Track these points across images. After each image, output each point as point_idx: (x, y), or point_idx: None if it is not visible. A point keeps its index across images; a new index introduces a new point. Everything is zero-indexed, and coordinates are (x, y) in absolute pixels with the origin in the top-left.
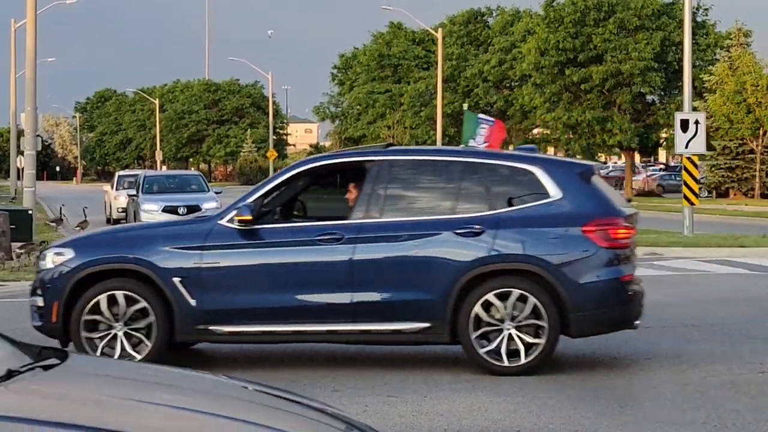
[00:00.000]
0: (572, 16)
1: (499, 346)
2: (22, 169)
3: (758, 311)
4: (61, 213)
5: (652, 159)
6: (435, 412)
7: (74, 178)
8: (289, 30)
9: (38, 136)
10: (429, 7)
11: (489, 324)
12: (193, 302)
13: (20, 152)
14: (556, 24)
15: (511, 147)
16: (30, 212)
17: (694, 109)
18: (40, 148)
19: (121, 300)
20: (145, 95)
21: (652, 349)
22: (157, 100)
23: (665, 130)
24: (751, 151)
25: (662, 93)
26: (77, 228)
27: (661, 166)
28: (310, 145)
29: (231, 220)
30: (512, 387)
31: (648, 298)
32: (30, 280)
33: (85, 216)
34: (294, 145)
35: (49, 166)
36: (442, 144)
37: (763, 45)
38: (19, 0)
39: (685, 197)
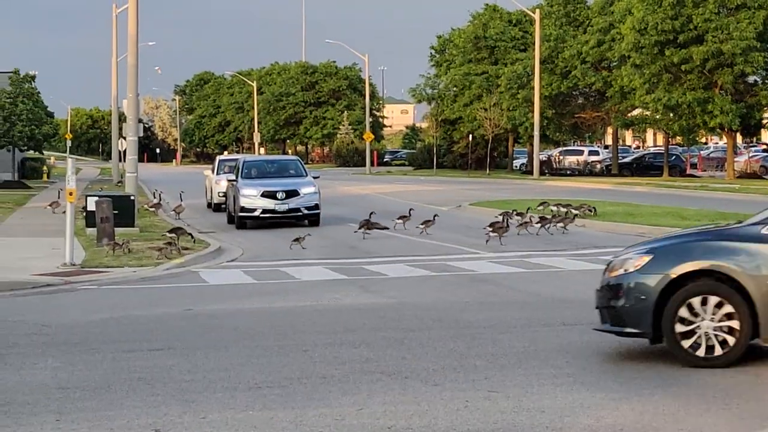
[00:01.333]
0: None
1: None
2: (124, 151)
3: None
4: (160, 198)
5: (754, 140)
6: (536, 409)
7: (174, 160)
8: (387, 11)
9: (140, 121)
10: None
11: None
12: None
13: (122, 136)
14: (655, 5)
15: (610, 128)
16: (132, 198)
17: None
18: (141, 134)
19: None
20: (243, 78)
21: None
22: (255, 82)
23: None
24: None
25: (765, 73)
26: (173, 212)
27: (764, 147)
28: (406, 127)
29: None
30: (614, 383)
31: None
32: (134, 267)
33: (181, 200)
34: (390, 126)
35: (149, 148)
36: (540, 125)
37: None
38: None
39: None
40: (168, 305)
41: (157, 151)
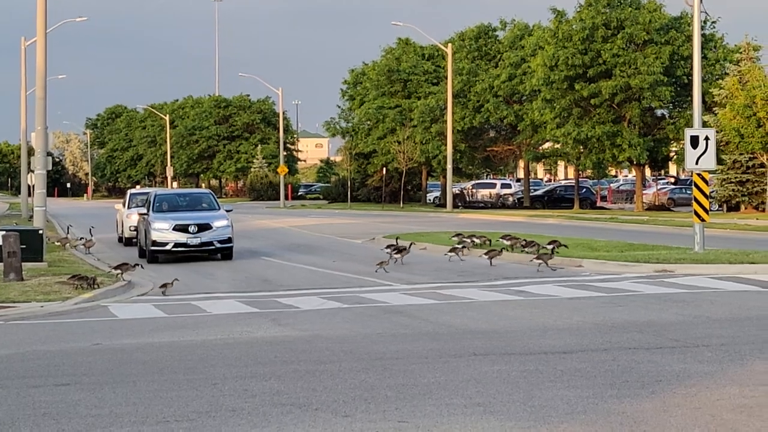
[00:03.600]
0: (580, 33)
1: None
2: (33, 186)
3: None
4: (68, 232)
5: (662, 173)
6: None
7: (85, 195)
8: (300, 45)
9: (49, 154)
10: (438, 22)
11: None
12: None
13: (31, 170)
14: (564, 40)
15: (521, 162)
16: (40, 232)
17: (704, 123)
18: (50, 168)
19: None
20: (155, 111)
21: (662, 371)
22: (168, 116)
23: (675, 144)
24: (762, 165)
25: (672, 107)
26: (83, 246)
27: (671, 180)
28: (321, 161)
29: None
30: (524, 412)
31: (659, 317)
32: (42, 301)
33: (92, 234)
34: (305, 161)
35: (59, 182)
36: (453, 158)
37: None
38: (29, 18)
39: (696, 213)
40: (76, 340)
41: (68, 185)
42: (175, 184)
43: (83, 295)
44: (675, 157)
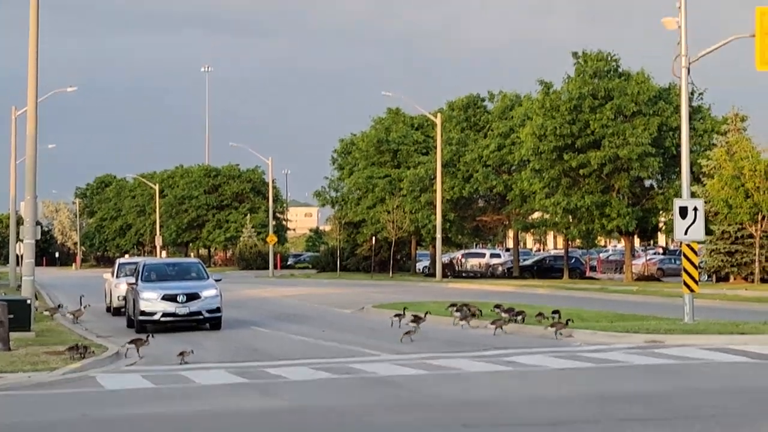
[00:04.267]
0: (568, 104)
1: None
2: (22, 255)
3: (760, 401)
4: (58, 306)
5: (651, 243)
6: None
7: (73, 264)
8: (291, 114)
9: (38, 223)
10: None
11: None
12: None
13: (19, 239)
14: (552, 111)
15: (511, 231)
16: (28, 302)
17: (693, 194)
18: (39, 237)
19: None
20: (145, 181)
21: None
22: (157, 185)
23: (664, 214)
24: (750, 236)
25: (660, 177)
26: (71, 315)
27: (661, 250)
28: (310, 230)
29: None
30: None
31: (649, 388)
32: (29, 372)
33: (81, 304)
34: (294, 230)
35: (48, 252)
36: (443, 228)
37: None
38: (20, 87)
39: (685, 284)
40: (63, 411)
41: (57, 255)
42: (164, 253)
43: (71, 365)
44: (664, 227)
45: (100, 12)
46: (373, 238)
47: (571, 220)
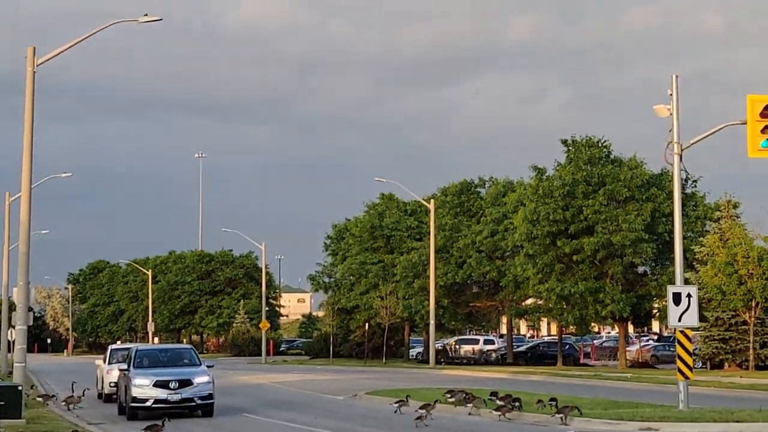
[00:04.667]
0: (561, 189)
1: None
2: (13, 341)
3: None
4: (50, 395)
5: (645, 329)
6: None
7: (65, 350)
8: (283, 200)
9: (30, 309)
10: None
11: None
12: None
13: (11, 325)
14: (545, 197)
15: (504, 317)
16: (20, 388)
17: (686, 281)
18: (31, 323)
19: None
20: (138, 266)
21: None
22: (150, 271)
23: (657, 300)
24: (744, 323)
25: (654, 264)
26: (63, 403)
27: (654, 337)
28: (303, 315)
29: None
30: None
31: None
32: None
33: (73, 390)
34: (287, 315)
35: (40, 337)
36: (436, 314)
37: (751, 215)
38: (13, 171)
39: (680, 371)
40: None
41: (48, 341)
42: (156, 339)
43: None
44: (658, 313)
45: (94, 98)
46: (366, 324)
47: (564, 306)
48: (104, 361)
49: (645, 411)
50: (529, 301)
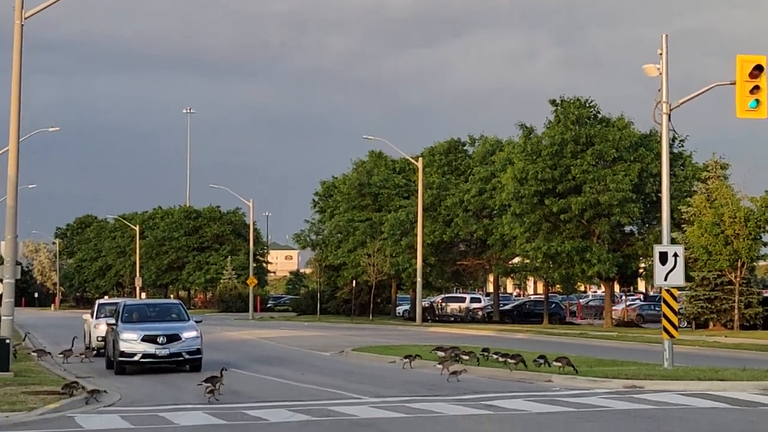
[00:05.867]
0: (549, 149)
1: None
2: (1, 295)
3: None
4: (45, 351)
5: (631, 288)
6: None
7: (52, 305)
8: (272, 157)
9: (18, 263)
10: (409, 137)
11: None
12: None
13: None
14: (534, 156)
15: (491, 276)
16: (7, 341)
17: (673, 240)
18: (18, 277)
19: None
20: (125, 222)
21: None
22: (138, 226)
23: (644, 260)
24: (730, 283)
25: (640, 223)
26: (60, 355)
27: (640, 296)
28: (290, 272)
29: None
30: None
31: None
32: (6, 411)
33: (73, 345)
34: (274, 272)
35: (27, 292)
36: (423, 272)
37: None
38: (1, 127)
39: (665, 330)
40: None
41: (36, 295)
42: (143, 294)
43: (49, 405)
44: (644, 273)
45: (82, 53)
46: (354, 281)
47: (551, 265)
48: (92, 316)
49: (630, 369)
50: (516, 260)
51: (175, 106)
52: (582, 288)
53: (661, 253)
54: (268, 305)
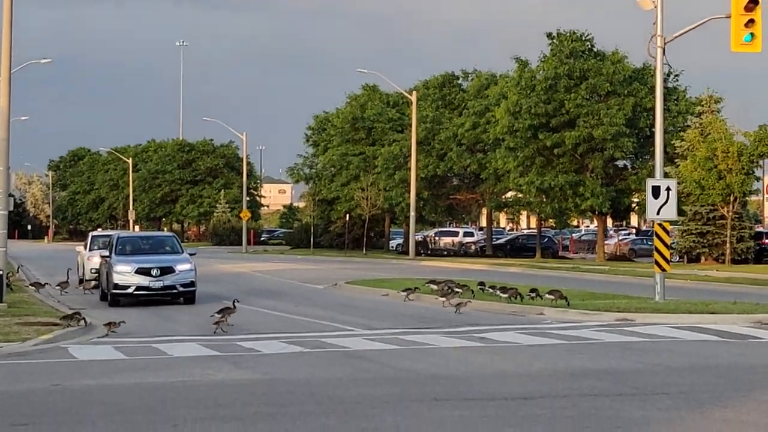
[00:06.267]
0: (543, 83)
1: None
2: None
3: (729, 379)
4: (42, 283)
5: (624, 223)
6: None
7: (46, 237)
8: (265, 91)
9: (11, 195)
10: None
11: None
12: None
13: None
14: (528, 90)
15: (484, 210)
16: (0, 273)
17: (666, 175)
18: (12, 208)
19: None
20: (118, 155)
21: (622, 417)
22: (131, 159)
23: (637, 194)
24: (722, 217)
25: (634, 158)
26: (58, 287)
27: (633, 231)
28: (284, 206)
29: None
30: None
31: (619, 365)
32: (0, 343)
33: (68, 277)
34: (268, 206)
35: (20, 224)
36: (416, 206)
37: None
38: None
39: (657, 263)
40: (34, 381)
41: (29, 227)
42: (137, 227)
43: (43, 336)
44: (637, 207)
45: None
46: (347, 215)
47: (544, 200)
48: (85, 248)
49: (621, 302)
50: (509, 194)
51: (169, 38)
52: (575, 223)
53: (653, 186)
54: (262, 239)
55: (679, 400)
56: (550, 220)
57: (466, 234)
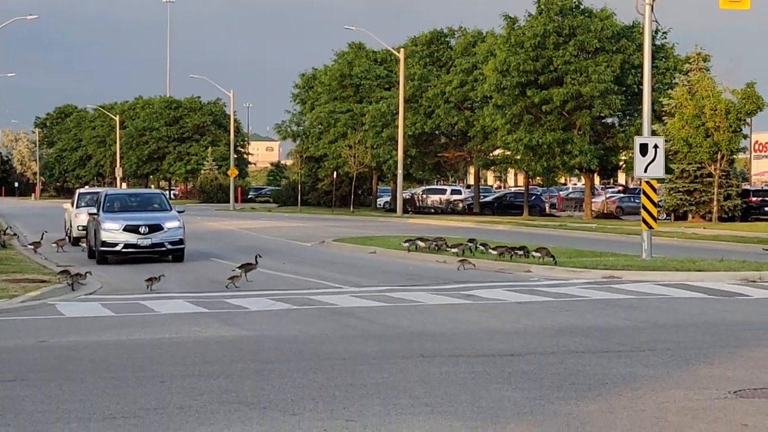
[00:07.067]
0: (532, 40)
1: None
2: None
3: (715, 336)
4: (38, 241)
5: (611, 181)
6: None
7: (33, 194)
8: (252, 48)
9: None
10: (391, 27)
11: None
12: None
13: None
14: (516, 47)
15: (472, 168)
16: None
17: (654, 132)
18: None
19: None
20: (105, 111)
21: (609, 373)
22: (118, 116)
23: (624, 152)
24: (710, 175)
25: (622, 115)
26: (54, 244)
27: (620, 188)
28: (271, 164)
29: None
30: (471, 412)
31: (606, 322)
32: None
33: (42, 237)
34: (255, 164)
35: (7, 182)
36: (404, 163)
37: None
38: None
39: (644, 221)
40: (22, 337)
41: (16, 185)
42: (124, 184)
43: (30, 293)
44: (624, 165)
45: None
46: (335, 172)
47: (532, 157)
48: (72, 205)
49: (608, 260)
50: (497, 152)
51: None
52: (562, 180)
53: (641, 144)
54: (249, 196)
55: (666, 356)
56: (538, 178)
57: (453, 192)
